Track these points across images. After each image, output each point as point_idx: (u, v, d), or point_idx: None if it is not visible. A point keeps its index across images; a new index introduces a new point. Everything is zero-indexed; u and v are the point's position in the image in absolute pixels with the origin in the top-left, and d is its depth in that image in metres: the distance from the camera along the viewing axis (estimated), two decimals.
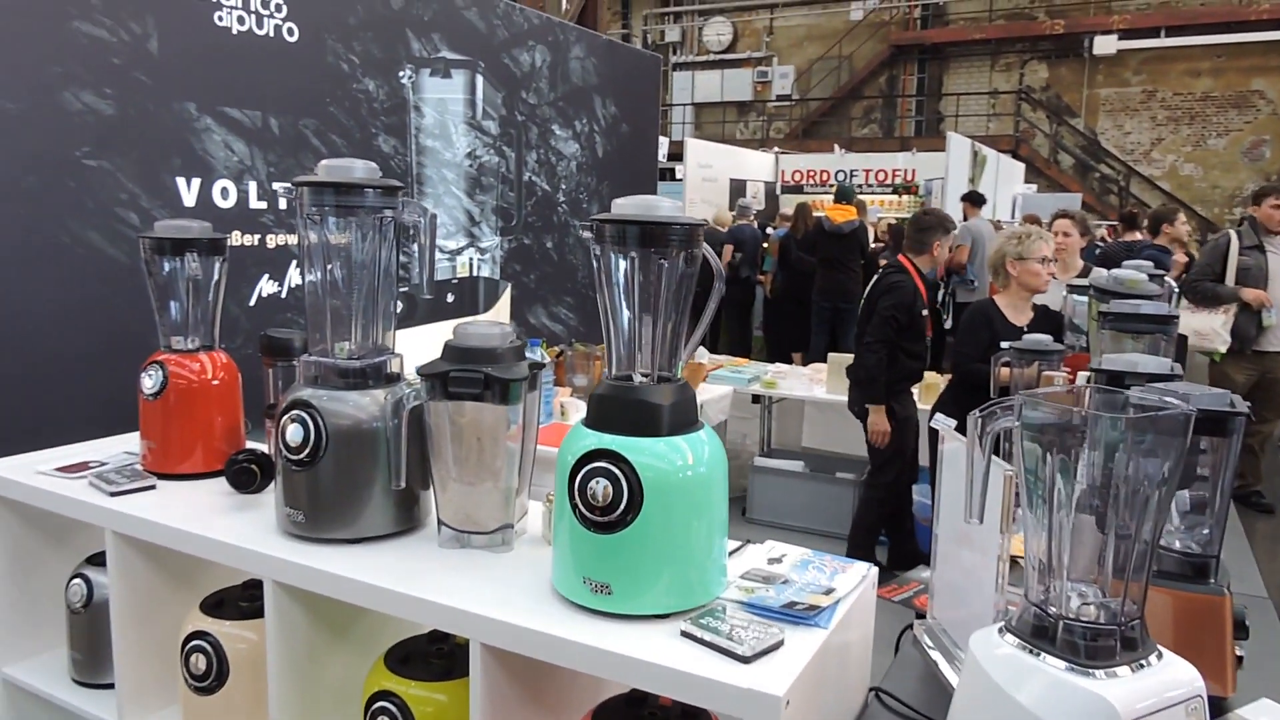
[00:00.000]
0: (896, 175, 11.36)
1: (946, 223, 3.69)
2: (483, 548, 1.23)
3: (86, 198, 2.40)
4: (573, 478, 1.03)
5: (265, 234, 2.87)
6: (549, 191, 4.16)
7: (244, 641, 1.34)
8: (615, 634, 1.00)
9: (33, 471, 1.52)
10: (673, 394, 1.04)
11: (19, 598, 1.62)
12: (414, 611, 1.11)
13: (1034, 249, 3.28)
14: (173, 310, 1.51)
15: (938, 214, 3.89)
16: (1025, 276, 3.27)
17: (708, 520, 1.05)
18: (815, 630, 1.02)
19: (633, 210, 1.02)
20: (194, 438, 1.49)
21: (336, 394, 1.23)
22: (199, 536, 1.29)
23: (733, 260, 7.91)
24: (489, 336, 1.18)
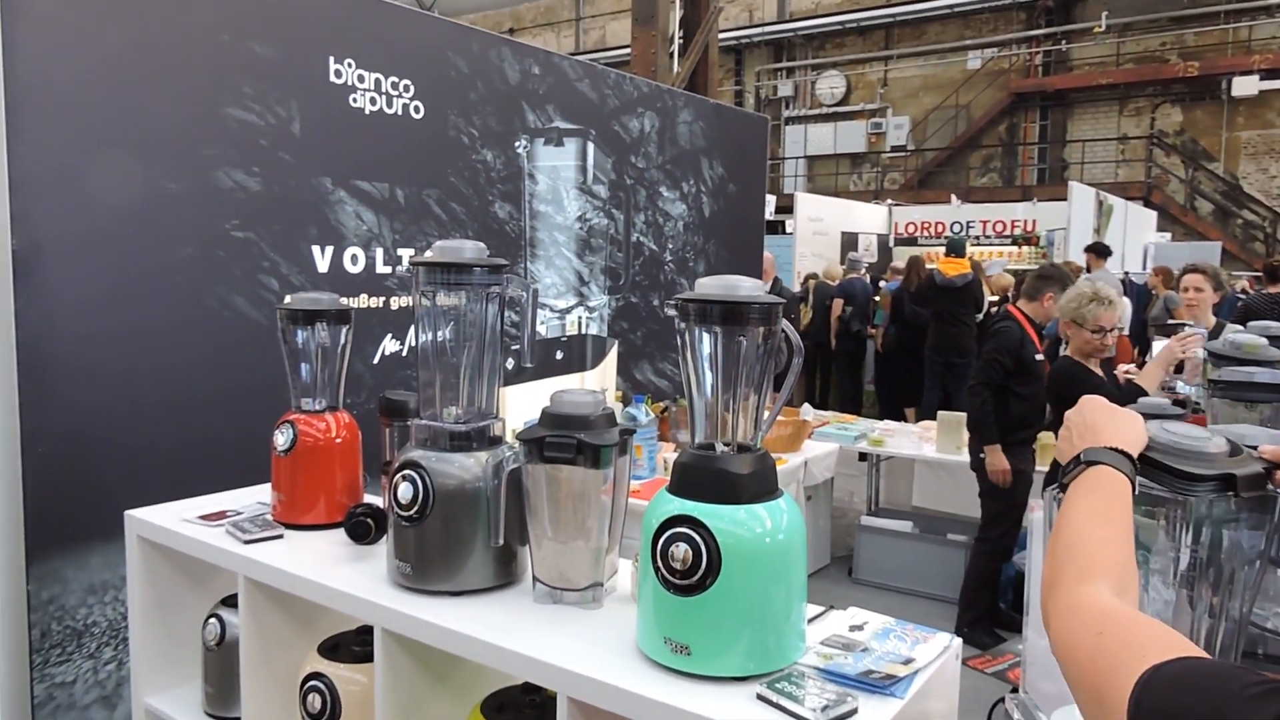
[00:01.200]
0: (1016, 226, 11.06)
1: (1067, 280, 3.63)
2: (574, 604, 1.29)
3: (234, 266, 2.64)
4: (655, 541, 1.08)
5: (389, 297, 3.07)
6: (656, 251, 4.28)
7: (355, 684, 1.44)
8: (694, 694, 1.04)
9: (178, 519, 1.68)
10: (752, 463, 1.09)
11: (162, 634, 1.77)
12: (507, 664, 1.18)
13: (1091, 315, 3.13)
14: (303, 373, 1.66)
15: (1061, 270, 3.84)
16: (1078, 341, 3.15)
17: (785, 586, 1.08)
18: (890, 700, 1.03)
19: (715, 289, 1.09)
20: (318, 491, 1.62)
21: (444, 455, 1.33)
22: (319, 584, 1.40)
23: (843, 314, 7.87)
24: (582, 404, 1.26)
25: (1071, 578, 0.84)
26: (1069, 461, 0.96)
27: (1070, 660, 0.79)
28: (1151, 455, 0.97)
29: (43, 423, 2.35)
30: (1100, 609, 0.80)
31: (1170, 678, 0.68)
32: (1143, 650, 0.72)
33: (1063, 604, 0.82)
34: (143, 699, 1.76)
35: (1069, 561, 0.85)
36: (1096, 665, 0.75)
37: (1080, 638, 0.78)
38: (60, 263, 2.32)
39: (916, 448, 4.27)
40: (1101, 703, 0.72)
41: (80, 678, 2.52)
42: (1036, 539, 1.45)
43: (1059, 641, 0.81)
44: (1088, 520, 0.89)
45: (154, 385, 2.52)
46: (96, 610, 2.53)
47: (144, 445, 2.50)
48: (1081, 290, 3.25)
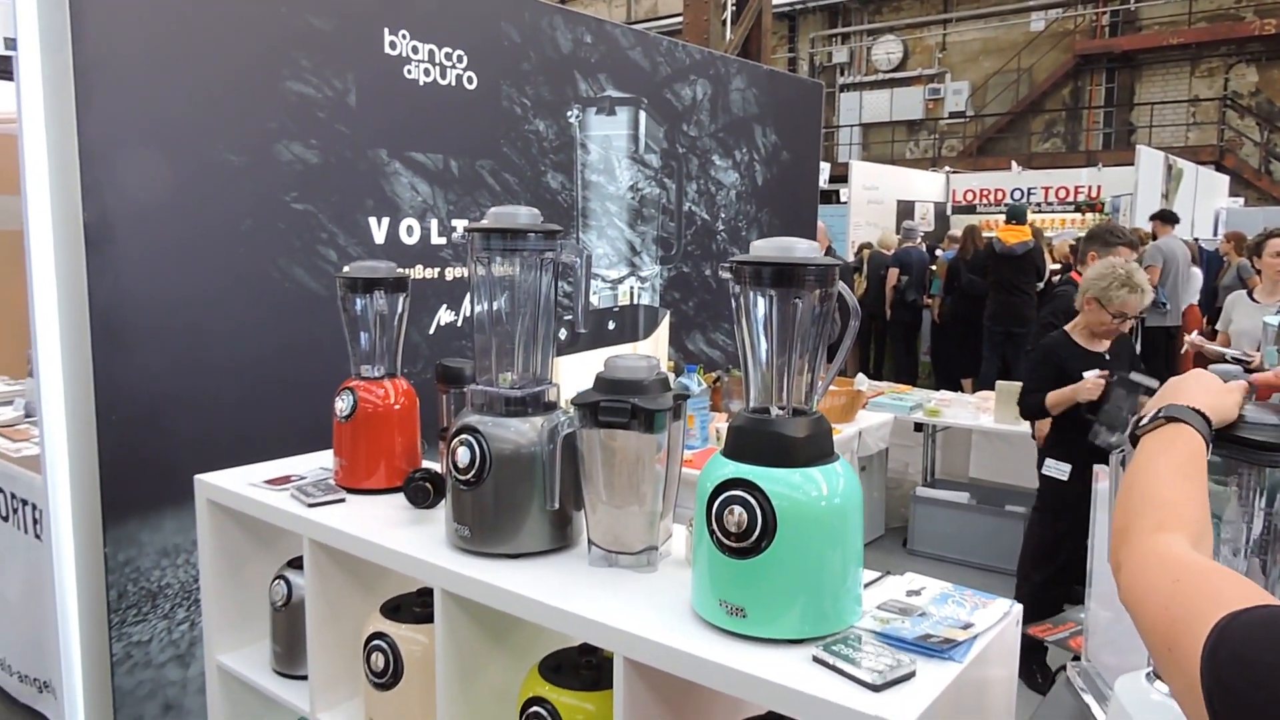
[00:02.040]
0: (1079, 192, 10.73)
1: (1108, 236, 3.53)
2: (629, 567, 1.30)
3: (293, 237, 2.69)
4: (710, 504, 1.09)
5: (444, 268, 3.10)
6: (708, 220, 4.25)
7: (417, 644, 1.48)
8: (749, 656, 1.04)
9: (245, 483, 1.73)
10: (808, 427, 1.08)
11: (232, 595, 1.83)
12: (565, 624, 1.19)
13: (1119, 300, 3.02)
14: (362, 341, 1.69)
15: (1106, 226, 3.72)
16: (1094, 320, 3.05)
17: (841, 549, 1.08)
18: (949, 664, 1.03)
19: (770, 252, 1.08)
20: (378, 457, 1.66)
21: (500, 420, 1.34)
22: (380, 546, 1.43)
23: (898, 284, 7.75)
24: (636, 369, 1.26)
25: (1148, 527, 0.82)
26: (1145, 414, 0.95)
27: (1141, 607, 0.77)
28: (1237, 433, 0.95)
29: (116, 391, 2.43)
30: (1177, 557, 0.78)
31: (1249, 624, 0.66)
32: (1220, 597, 0.70)
33: (1136, 552, 0.80)
34: (215, 657, 1.82)
35: (1145, 511, 0.83)
36: (1171, 613, 0.73)
37: (1154, 585, 0.77)
38: (129, 234, 2.39)
39: (974, 418, 4.20)
40: (1173, 649, 0.71)
41: (155, 637, 2.63)
42: (1101, 509, 1.42)
43: (1131, 589, 0.79)
44: (1166, 474, 0.87)
45: (220, 355, 2.59)
46: (169, 573, 2.63)
47: (212, 413, 2.57)
48: (1115, 271, 3.10)
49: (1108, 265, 3.12)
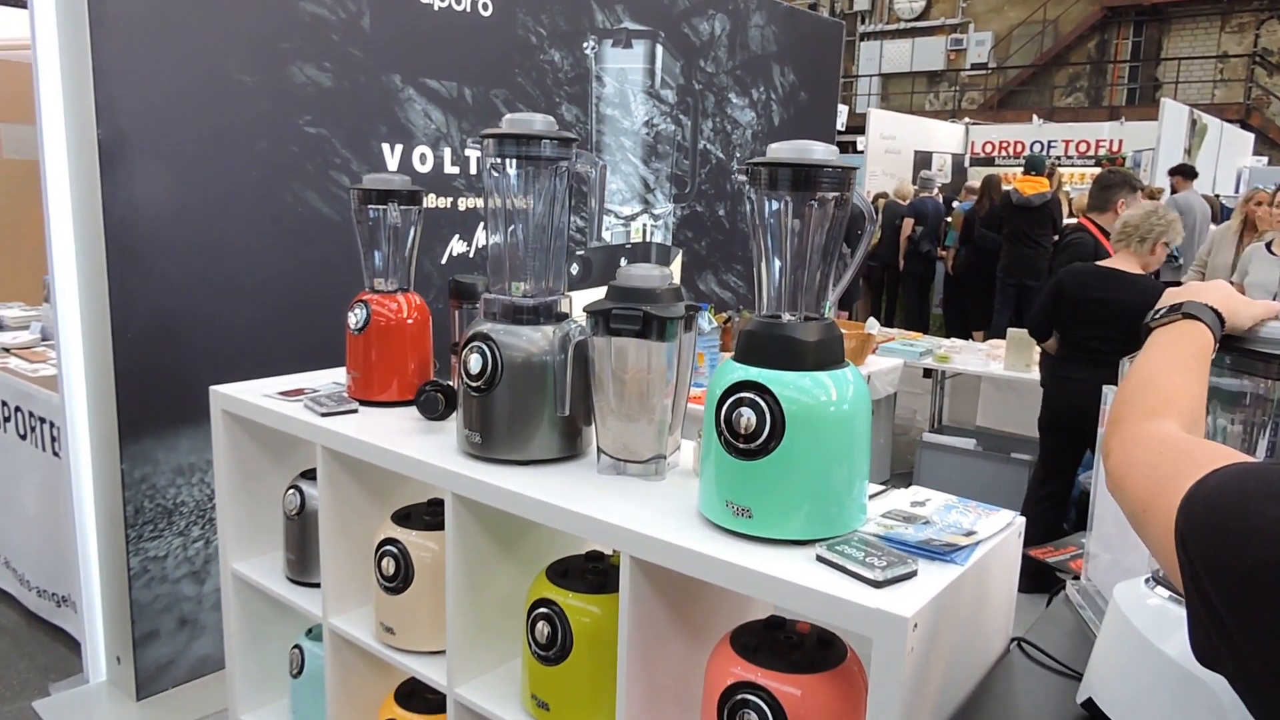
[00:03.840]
0: (1100, 146, 10.57)
1: (1131, 180, 3.49)
2: (637, 475, 1.32)
3: (306, 161, 2.68)
4: (720, 406, 1.10)
5: (457, 197, 3.09)
6: (723, 160, 4.22)
7: (427, 550, 1.51)
8: (754, 554, 1.06)
9: (260, 394, 1.75)
10: (819, 332, 1.09)
11: (246, 505, 1.87)
12: (573, 525, 1.21)
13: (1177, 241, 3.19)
14: (376, 255, 1.69)
15: (1122, 172, 3.70)
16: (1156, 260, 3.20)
17: (847, 454, 1.09)
18: (950, 566, 1.04)
19: (787, 154, 1.07)
20: (390, 369, 1.67)
21: (511, 328, 1.35)
22: (392, 453, 1.45)
23: (913, 234, 7.69)
24: (649, 278, 1.26)
25: (1139, 414, 0.82)
26: (1160, 308, 0.94)
27: (1125, 483, 0.76)
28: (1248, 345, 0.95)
29: (130, 310, 2.45)
30: (1165, 436, 0.77)
31: (1225, 474, 0.66)
32: (1203, 459, 0.69)
33: (1126, 437, 0.80)
34: (230, 565, 1.86)
35: (1141, 400, 0.83)
36: (1151, 478, 0.72)
37: (1140, 459, 0.76)
38: (142, 152, 2.39)
39: (984, 365, 4.20)
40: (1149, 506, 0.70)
41: (171, 553, 2.68)
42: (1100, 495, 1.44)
43: (1116, 472, 0.78)
44: (1168, 366, 0.87)
45: (233, 277, 2.60)
46: (184, 490, 2.68)
47: (225, 333, 2.59)
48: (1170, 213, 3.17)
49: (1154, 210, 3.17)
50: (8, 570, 3.30)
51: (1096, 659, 1.02)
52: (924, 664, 0.98)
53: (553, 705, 1.30)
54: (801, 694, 1.07)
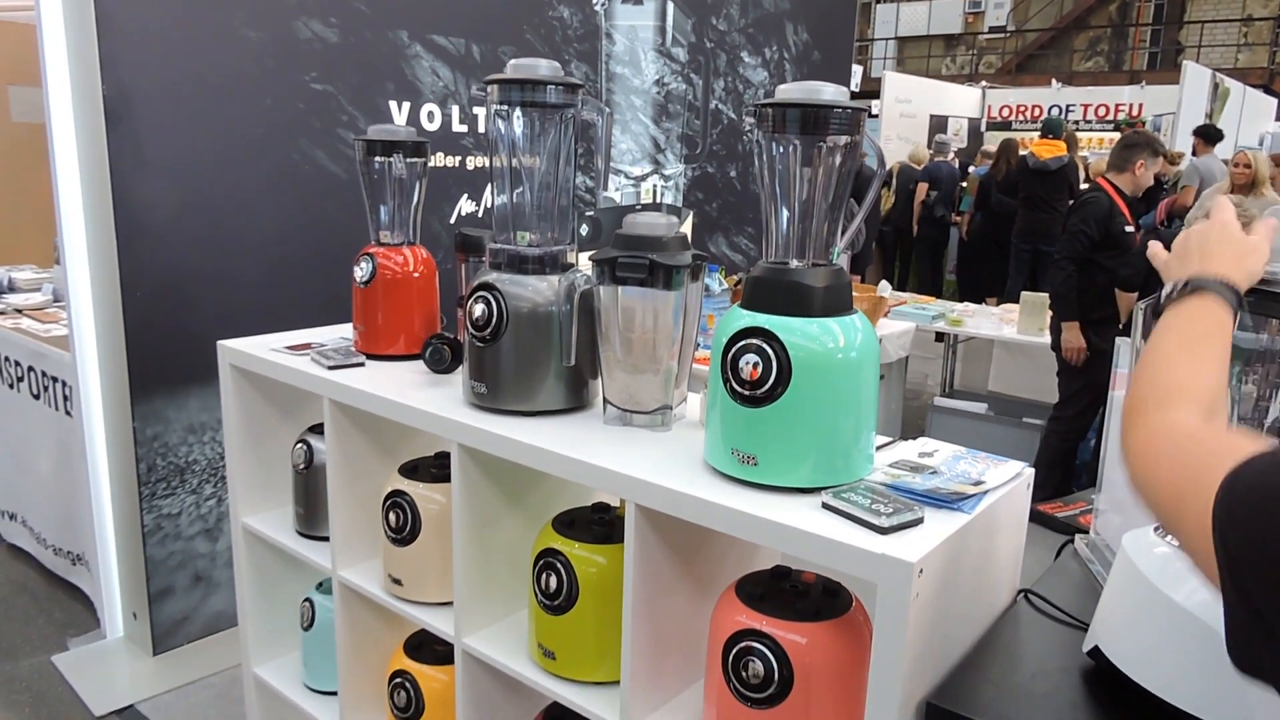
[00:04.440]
0: (1120, 111, 10.40)
1: (1155, 144, 3.43)
2: (643, 426, 1.32)
3: (313, 119, 2.66)
4: (726, 353, 1.08)
5: (465, 156, 3.07)
6: (734, 120, 4.17)
7: (434, 502, 1.51)
8: (760, 502, 1.05)
9: (267, 349, 1.75)
10: (826, 277, 1.07)
11: (255, 460, 1.87)
12: (579, 474, 1.21)
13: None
14: (381, 208, 1.68)
15: (1147, 134, 3.62)
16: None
17: (854, 401, 1.08)
18: (957, 515, 1.03)
19: (796, 95, 1.05)
20: (397, 323, 1.66)
21: (517, 278, 1.34)
22: (398, 404, 1.45)
23: (927, 199, 7.60)
24: (655, 225, 1.25)
25: (1154, 406, 0.78)
26: (1172, 285, 0.90)
27: (1149, 482, 0.72)
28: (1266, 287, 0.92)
29: (139, 268, 2.45)
30: (1185, 429, 0.73)
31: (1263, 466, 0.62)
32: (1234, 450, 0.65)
33: (1143, 433, 0.76)
34: (240, 519, 1.87)
35: (1153, 391, 0.79)
36: (1179, 474, 0.69)
37: (1163, 452, 0.72)
38: (148, 109, 2.37)
39: (996, 329, 4.16)
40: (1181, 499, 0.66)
41: (184, 511, 2.71)
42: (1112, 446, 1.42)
43: (1137, 470, 0.75)
44: (1179, 348, 0.82)
45: (242, 236, 2.60)
46: (196, 449, 2.69)
47: (233, 291, 2.59)
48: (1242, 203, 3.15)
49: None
50: (25, 529, 3.34)
51: (1104, 608, 1.01)
52: (929, 611, 0.97)
53: (559, 654, 1.31)
54: (806, 642, 1.06)
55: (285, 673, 1.92)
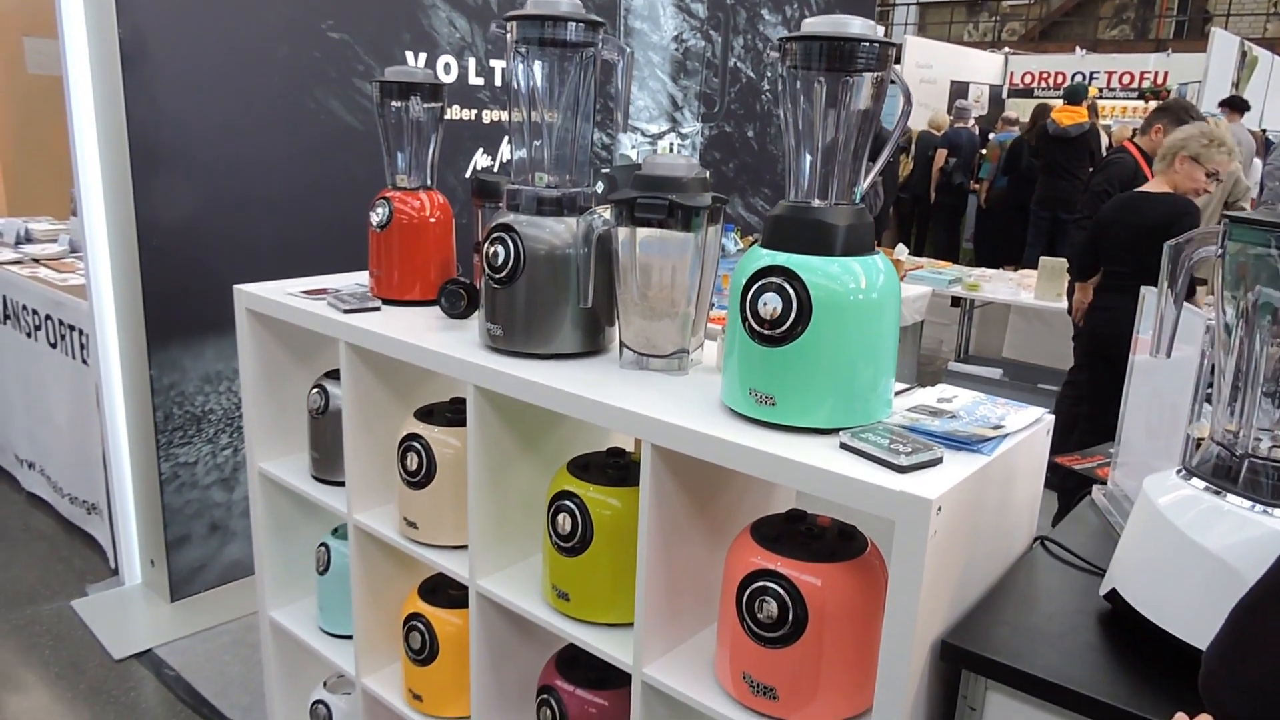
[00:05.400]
0: (1145, 78, 10.21)
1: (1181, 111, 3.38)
2: (660, 370, 1.31)
3: (329, 68, 2.64)
4: (745, 292, 1.07)
5: (481, 109, 3.04)
6: (753, 79, 4.11)
7: (449, 446, 1.51)
8: (778, 441, 1.05)
9: (283, 293, 1.75)
10: (849, 216, 1.06)
11: (271, 406, 1.88)
12: (594, 414, 1.21)
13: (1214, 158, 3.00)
14: (398, 153, 1.67)
15: (1182, 102, 3.56)
16: (1183, 177, 3.02)
17: (874, 342, 1.07)
18: (976, 457, 1.03)
19: (822, 28, 1.03)
20: (413, 268, 1.66)
21: (535, 220, 1.33)
22: (414, 346, 1.45)
23: (945, 165, 7.51)
24: (675, 166, 1.23)
25: None
26: None
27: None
28: None
29: (155, 218, 2.45)
30: None
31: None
32: None
33: None
34: (257, 464, 1.88)
35: None
36: None
37: None
38: (164, 51, 2.35)
39: (1014, 294, 4.13)
40: None
41: (200, 460, 2.73)
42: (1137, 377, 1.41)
43: None
44: None
45: (257, 187, 2.59)
46: (212, 399, 2.71)
47: (248, 242, 2.59)
48: (1209, 131, 3.05)
49: (1200, 128, 3.07)
50: (42, 477, 3.38)
51: (1123, 551, 1.01)
52: (946, 550, 0.97)
53: (573, 595, 1.31)
54: (821, 583, 1.06)
55: (301, 617, 1.94)
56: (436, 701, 1.63)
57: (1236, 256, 0.89)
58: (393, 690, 1.70)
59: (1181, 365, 1.20)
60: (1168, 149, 3.09)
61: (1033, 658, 0.96)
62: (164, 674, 2.53)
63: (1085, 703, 0.89)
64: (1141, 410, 1.34)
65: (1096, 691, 0.90)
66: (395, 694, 1.69)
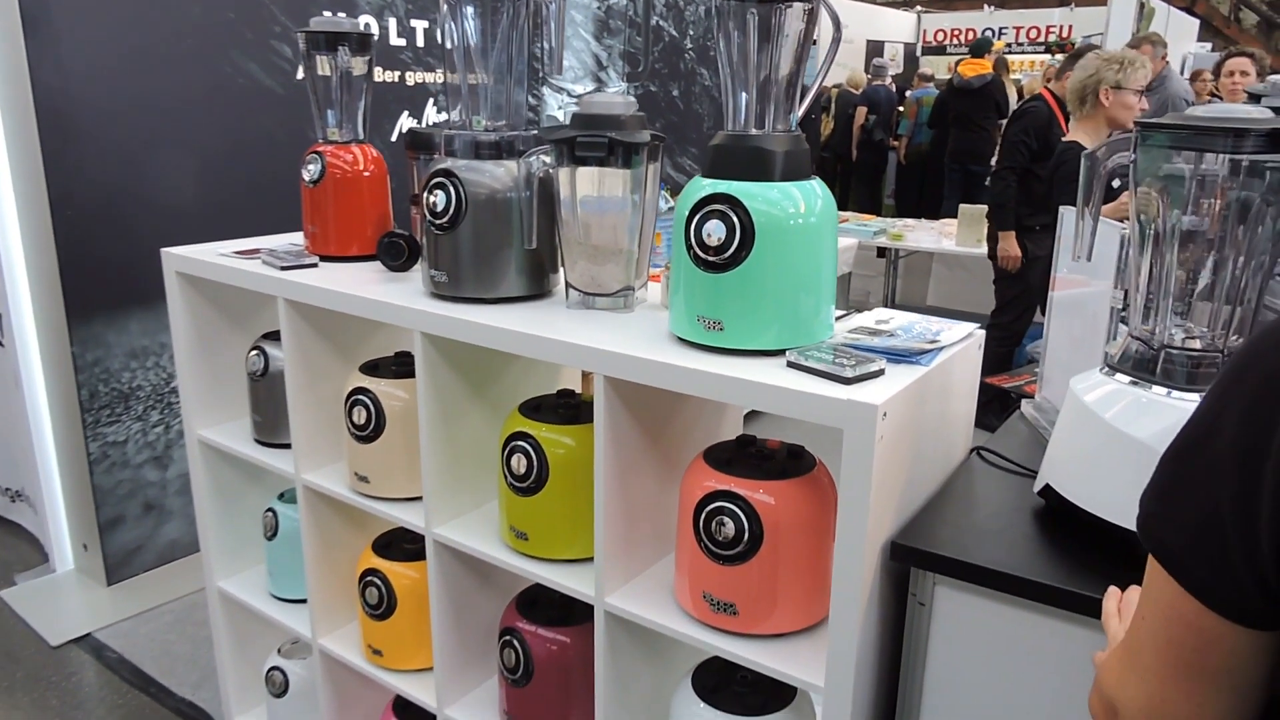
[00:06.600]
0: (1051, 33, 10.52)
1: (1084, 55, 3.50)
2: (606, 308, 1.33)
3: (245, 29, 2.56)
4: (689, 222, 1.10)
5: (405, 71, 2.99)
6: (676, 38, 4.12)
7: (397, 399, 1.51)
8: (727, 364, 1.08)
9: (215, 254, 1.71)
10: (787, 143, 1.09)
11: (207, 372, 1.84)
12: (546, 352, 1.22)
13: (1135, 79, 3.01)
14: (328, 105, 1.64)
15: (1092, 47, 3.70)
16: (1117, 109, 3.03)
17: (815, 264, 1.10)
18: (916, 367, 1.08)
19: None
20: (349, 223, 1.64)
21: (474, 164, 1.33)
22: (357, 298, 1.44)
23: (865, 122, 7.64)
24: (613, 104, 1.25)
25: None
26: None
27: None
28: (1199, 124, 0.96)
29: (68, 186, 2.36)
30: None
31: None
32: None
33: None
34: (196, 432, 1.85)
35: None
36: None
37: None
38: (69, 14, 2.26)
39: (936, 242, 4.26)
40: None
41: (131, 438, 2.66)
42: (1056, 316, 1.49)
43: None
44: None
45: (177, 154, 2.51)
46: (140, 375, 2.63)
47: (169, 210, 2.52)
48: (1111, 57, 3.09)
49: (1097, 57, 3.09)
50: None
51: (1054, 447, 1.07)
52: (891, 456, 1.02)
53: (531, 535, 1.33)
54: (775, 501, 1.11)
55: (250, 585, 1.92)
56: (397, 655, 1.64)
57: (1148, 162, 0.94)
58: (351, 648, 1.71)
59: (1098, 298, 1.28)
60: (1083, 89, 3.10)
61: (976, 551, 1.02)
62: (105, 657, 2.47)
63: (1026, 586, 0.96)
64: (1064, 334, 1.42)
65: (1036, 575, 0.96)
66: (354, 652, 1.70)
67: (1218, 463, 0.58)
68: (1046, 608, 0.96)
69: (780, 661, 1.10)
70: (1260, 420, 0.55)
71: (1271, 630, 0.58)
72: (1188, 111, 0.97)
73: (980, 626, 1.03)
